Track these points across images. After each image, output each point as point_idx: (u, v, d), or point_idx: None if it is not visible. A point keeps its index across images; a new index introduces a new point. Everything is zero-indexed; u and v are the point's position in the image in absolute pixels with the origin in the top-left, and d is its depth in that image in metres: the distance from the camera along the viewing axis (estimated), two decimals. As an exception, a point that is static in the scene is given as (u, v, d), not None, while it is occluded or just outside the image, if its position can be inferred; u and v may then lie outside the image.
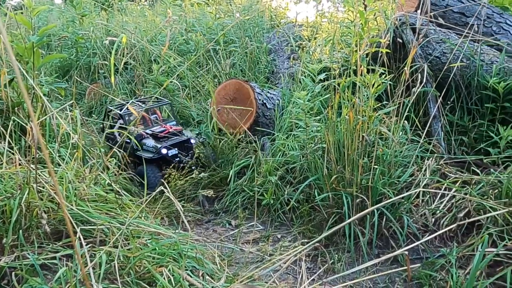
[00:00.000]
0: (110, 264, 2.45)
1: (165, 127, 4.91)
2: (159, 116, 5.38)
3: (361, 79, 3.53)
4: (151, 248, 2.56)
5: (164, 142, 4.70)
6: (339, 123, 3.71)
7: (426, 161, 3.92)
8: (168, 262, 2.54)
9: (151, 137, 4.83)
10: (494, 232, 3.03)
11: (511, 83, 4.07)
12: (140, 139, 4.82)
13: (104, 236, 2.79)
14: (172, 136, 4.82)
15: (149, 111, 5.15)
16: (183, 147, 4.79)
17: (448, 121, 4.48)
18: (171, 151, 4.65)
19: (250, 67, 7.17)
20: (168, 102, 5.31)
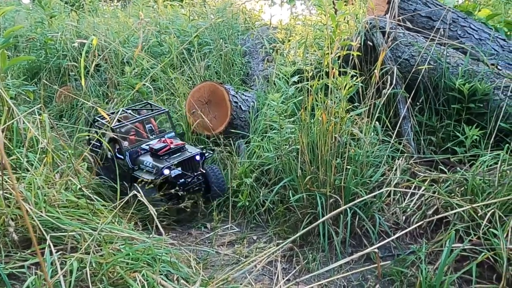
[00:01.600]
0: (82, 271, 2.40)
1: (165, 142, 4.23)
2: (154, 126, 4.74)
3: (333, 82, 3.60)
4: (124, 253, 2.52)
5: (165, 160, 4.05)
6: (313, 124, 3.77)
7: (396, 160, 4.03)
8: (142, 267, 2.50)
9: (150, 154, 4.22)
10: (460, 228, 3.16)
11: (475, 85, 4.25)
12: (136, 156, 4.24)
13: (76, 242, 2.72)
14: (174, 152, 4.17)
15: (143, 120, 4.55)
16: (187, 165, 4.16)
17: (417, 121, 4.62)
18: (174, 171, 4.02)
19: (225, 69, 7.17)
20: (165, 110, 4.64)
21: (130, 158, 4.24)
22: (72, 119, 6.29)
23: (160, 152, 4.09)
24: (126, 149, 4.25)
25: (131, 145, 4.34)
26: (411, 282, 3.02)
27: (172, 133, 4.63)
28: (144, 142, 4.38)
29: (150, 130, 4.61)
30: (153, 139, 4.45)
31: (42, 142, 3.17)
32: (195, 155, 4.17)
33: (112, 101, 5.69)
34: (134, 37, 7.31)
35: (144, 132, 4.55)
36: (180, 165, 4.08)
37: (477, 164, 3.51)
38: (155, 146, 4.16)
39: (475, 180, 3.35)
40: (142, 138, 4.49)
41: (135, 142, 4.41)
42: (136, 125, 4.47)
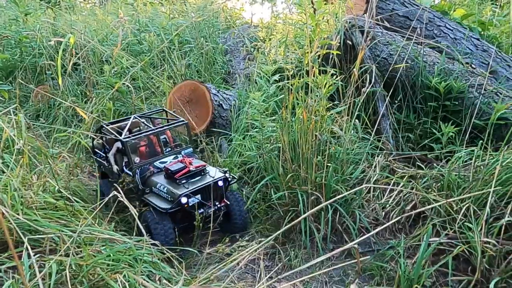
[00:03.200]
0: (61, 274, 2.36)
1: (183, 162, 3.64)
2: (169, 138, 4.18)
3: (313, 80, 3.64)
4: (105, 255, 2.49)
5: (183, 185, 3.47)
6: (294, 123, 3.80)
7: (376, 157, 4.11)
8: (124, 268, 2.48)
9: (164, 175, 3.64)
10: (437, 223, 3.25)
11: (450, 83, 4.37)
12: (148, 175, 3.68)
13: (55, 245, 2.67)
14: (193, 175, 3.57)
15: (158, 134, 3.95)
16: (208, 192, 3.57)
17: (396, 119, 4.72)
18: (192, 199, 3.45)
19: (206, 68, 7.14)
20: (184, 122, 4.02)
21: (140, 177, 3.69)
22: (49, 119, 6.15)
23: (177, 175, 3.49)
24: (136, 166, 3.71)
25: (142, 160, 3.81)
26: (390, 276, 3.09)
27: (189, 149, 4.07)
28: (158, 158, 3.83)
29: (164, 143, 4.05)
30: (167, 154, 3.91)
31: (18, 143, 3.09)
32: (217, 180, 3.60)
33: (91, 101, 5.58)
34: (113, 35, 7.20)
35: (159, 147, 3.97)
36: (199, 192, 3.50)
37: (452, 160, 3.61)
38: (172, 166, 3.57)
39: (451, 175, 3.45)
40: (155, 152, 3.95)
41: (146, 156, 3.89)
42: (150, 136, 3.95)
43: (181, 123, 4.00)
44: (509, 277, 2.66)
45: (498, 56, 4.83)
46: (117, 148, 3.95)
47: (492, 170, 3.09)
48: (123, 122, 4.16)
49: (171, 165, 3.61)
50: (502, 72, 4.61)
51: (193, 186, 3.47)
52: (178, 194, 3.37)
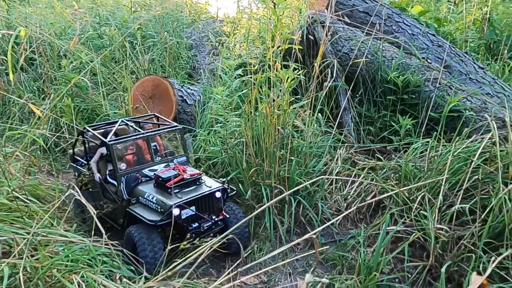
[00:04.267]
0: (15, 277, 2.26)
1: (176, 170, 3.25)
2: (160, 145, 3.76)
3: (275, 75, 3.67)
4: (62, 256, 2.41)
5: (176, 195, 3.06)
6: (257, 117, 3.82)
7: (338, 150, 4.21)
8: (82, 268, 2.42)
9: (154, 184, 3.24)
10: (395, 212, 3.37)
11: (408, 77, 4.53)
12: (135, 184, 3.28)
13: (9, 247, 2.56)
14: (187, 185, 3.17)
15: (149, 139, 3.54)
16: (204, 204, 3.17)
17: (357, 112, 4.85)
18: (185, 211, 3.04)
19: (170, 63, 7.03)
20: (179, 127, 3.65)
21: (126, 186, 3.28)
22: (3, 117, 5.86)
23: (169, 183, 3.09)
24: (122, 173, 3.30)
25: (129, 168, 3.39)
26: (351, 265, 3.19)
27: (183, 158, 3.65)
28: (147, 166, 3.45)
29: (154, 151, 3.60)
30: (158, 162, 3.51)
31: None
32: (215, 191, 3.20)
33: (49, 97, 5.36)
34: (71, 28, 6.93)
35: (148, 154, 3.54)
36: (194, 203, 3.10)
37: (409, 152, 3.75)
38: (163, 174, 3.18)
39: (407, 166, 3.58)
40: (144, 160, 3.54)
41: (133, 165, 3.47)
42: (138, 142, 3.55)
43: (175, 128, 3.62)
44: (460, 261, 2.81)
45: (452, 51, 5.05)
46: (101, 154, 3.54)
47: (445, 160, 3.24)
48: (108, 126, 3.78)
49: (162, 172, 3.21)
50: (455, 67, 4.82)
51: (187, 196, 3.04)
52: (170, 205, 2.92)
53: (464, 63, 4.91)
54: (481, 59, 5.98)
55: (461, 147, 3.26)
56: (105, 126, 3.79)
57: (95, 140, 3.64)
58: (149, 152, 3.52)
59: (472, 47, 6.28)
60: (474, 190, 3.17)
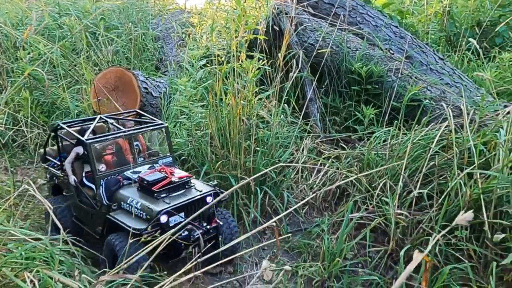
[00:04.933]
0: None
1: (162, 172, 2.99)
2: (142, 145, 3.47)
3: (239, 65, 3.64)
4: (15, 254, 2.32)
5: (163, 200, 2.82)
6: (223, 108, 3.79)
7: (304, 140, 4.25)
8: (38, 266, 2.33)
9: (138, 188, 2.97)
10: (358, 199, 3.45)
11: (371, 67, 4.61)
12: (116, 187, 3.00)
13: (-42, 247, 2.44)
14: (175, 188, 2.92)
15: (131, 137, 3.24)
16: (194, 210, 2.83)
17: (323, 103, 4.90)
18: (174, 218, 2.78)
19: (136, 55, 6.84)
20: (164, 124, 3.41)
21: (106, 190, 3.00)
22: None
23: (155, 186, 2.83)
24: (101, 175, 3.03)
25: (109, 170, 3.11)
26: (317, 252, 3.24)
27: (169, 158, 3.40)
28: (129, 167, 3.16)
29: (137, 149, 3.34)
30: (141, 164, 3.23)
31: None
32: (206, 195, 2.97)
33: (5, 90, 5.11)
34: (29, 18, 6.61)
35: (131, 153, 3.26)
36: (183, 209, 2.84)
37: (371, 140, 3.83)
38: (148, 176, 2.90)
39: (370, 154, 3.66)
40: (125, 161, 3.23)
41: (113, 166, 3.18)
42: (119, 141, 3.25)
43: (159, 126, 3.36)
44: (419, 244, 2.91)
45: (414, 42, 5.18)
46: (77, 154, 3.21)
47: (405, 147, 3.33)
48: (85, 123, 3.50)
49: (147, 174, 2.94)
50: (416, 58, 4.95)
51: (175, 202, 2.79)
52: (157, 211, 2.66)
53: (425, 54, 5.05)
54: (441, 51, 6.18)
55: (420, 135, 3.36)
56: (81, 123, 3.50)
57: (70, 138, 3.29)
58: (131, 152, 3.23)
59: (433, 39, 6.47)
60: (433, 176, 3.29)
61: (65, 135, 3.36)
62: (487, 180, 2.93)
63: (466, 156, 3.22)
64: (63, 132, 3.38)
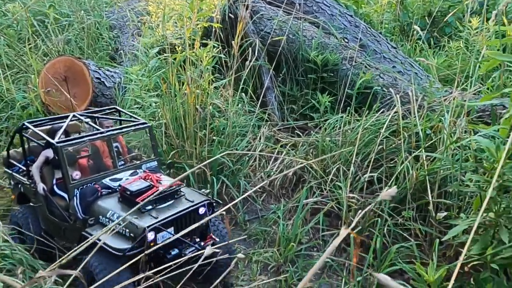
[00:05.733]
0: None
1: (147, 179, 2.62)
2: (123, 147, 3.16)
3: (193, 53, 3.58)
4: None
5: (148, 213, 2.45)
6: (177, 97, 3.72)
7: (261, 129, 4.26)
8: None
9: (119, 198, 2.59)
10: (314, 185, 3.51)
11: (327, 56, 4.67)
12: (93, 198, 2.60)
13: None
14: (163, 199, 2.57)
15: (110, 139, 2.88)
16: (186, 224, 2.53)
17: (281, 91, 4.93)
18: (162, 234, 2.42)
19: (89, 44, 6.57)
20: (147, 124, 3.04)
21: (81, 201, 2.61)
22: None
23: (139, 197, 2.46)
24: (75, 183, 2.66)
25: (85, 177, 2.75)
26: (273, 238, 3.27)
27: (154, 163, 3.02)
28: (108, 173, 2.79)
29: (117, 152, 2.98)
30: (122, 169, 2.86)
31: None
32: (198, 206, 2.61)
33: None
34: (-31, 5, 6.17)
35: (110, 157, 2.89)
36: (173, 223, 2.48)
37: (324, 127, 3.90)
38: (131, 186, 2.52)
39: (325, 141, 3.73)
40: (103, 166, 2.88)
41: (89, 172, 2.83)
42: (96, 143, 2.89)
43: (143, 126, 3.00)
44: (370, 226, 3.00)
45: (368, 31, 5.30)
46: (46, 158, 2.82)
47: (356, 134, 3.41)
48: (55, 122, 3.11)
49: (130, 183, 2.55)
50: (370, 46, 5.07)
51: (163, 215, 2.44)
52: (142, 227, 2.31)
53: (378, 43, 5.18)
54: (395, 40, 6.36)
55: (370, 121, 3.45)
56: (51, 121, 3.10)
57: (38, 140, 2.90)
58: (111, 156, 2.84)
59: (388, 28, 6.65)
60: (384, 160, 3.40)
61: (32, 135, 2.93)
62: (433, 163, 3.07)
63: (414, 140, 3.35)
64: (29, 132, 2.95)
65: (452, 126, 3.02)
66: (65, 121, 2.93)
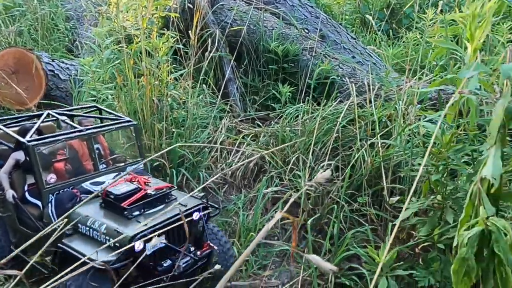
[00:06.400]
0: None
1: (134, 181, 2.37)
2: (105, 149, 2.90)
3: (149, 43, 3.49)
4: None
5: (135, 219, 2.21)
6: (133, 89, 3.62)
7: (223, 120, 4.23)
8: None
9: (101, 204, 2.35)
10: (274, 175, 3.53)
11: (287, 46, 4.69)
12: (71, 204, 2.32)
13: None
14: (151, 203, 2.32)
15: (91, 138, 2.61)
16: (178, 232, 2.31)
17: (243, 82, 4.91)
18: (152, 243, 2.08)
19: (44, 36, 6.29)
20: (133, 122, 2.83)
21: (57, 208, 2.37)
22: None
23: (125, 202, 2.21)
24: (50, 188, 2.41)
25: (61, 181, 2.49)
26: (234, 229, 3.27)
27: (140, 165, 2.77)
28: (87, 177, 2.55)
29: (98, 153, 2.72)
30: (104, 172, 2.62)
31: None
32: (191, 211, 2.37)
33: None
34: None
35: (90, 159, 2.65)
36: (164, 231, 2.15)
37: (284, 117, 3.92)
38: (115, 189, 2.27)
39: (285, 131, 3.76)
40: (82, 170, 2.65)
41: (67, 176, 2.59)
42: (73, 144, 2.65)
43: (128, 124, 2.75)
44: (328, 212, 3.06)
45: (329, 22, 5.36)
46: (16, 161, 2.57)
47: (314, 123, 3.46)
48: (27, 121, 2.84)
49: (114, 186, 2.28)
50: (331, 37, 5.13)
51: (153, 221, 2.17)
52: (130, 236, 2.04)
53: (338, 34, 5.25)
54: (356, 31, 6.47)
55: (328, 110, 3.50)
56: (22, 120, 2.84)
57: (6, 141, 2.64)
58: (91, 158, 2.58)
59: (348, 19, 6.75)
60: (342, 148, 3.47)
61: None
62: (387, 149, 3.15)
63: (370, 128, 3.43)
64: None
65: (405, 113, 3.11)
66: (38, 120, 2.66)
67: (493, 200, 1.75)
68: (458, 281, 1.53)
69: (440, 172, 2.17)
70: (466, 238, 1.54)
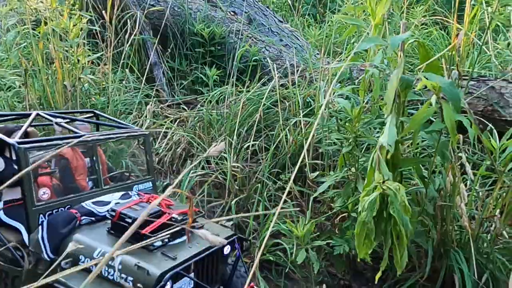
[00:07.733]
0: None
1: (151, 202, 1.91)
2: (103, 163, 2.36)
3: (58, 24, 3.24)
4: None
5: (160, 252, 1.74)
6: (43, 74, 3.35)
7: (147, 106, 4.08)
8: None
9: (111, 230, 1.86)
10: (203, 159, 3.48)
11: (213, 29, 4.61)
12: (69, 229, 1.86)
13: None
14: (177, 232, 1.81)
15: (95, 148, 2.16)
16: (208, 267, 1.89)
17: (170, 67, 4.76)
18: (181, 283, 1.73)
19: None
20: (144, 133, 2.43)
21: (50, 234, 1.85)
22: None
23: (146, 229, 1.72)
24: (41, 207, 1.91)
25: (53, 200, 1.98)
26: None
27: (148, 183, 2.39)
28: (90, 195, 2.07)
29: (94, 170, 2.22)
30: (107, 189, 2.14)
31: None
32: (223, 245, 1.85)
33: None
34: None
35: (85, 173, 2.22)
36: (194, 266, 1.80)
37: (209, 100, 3.88)
38: (130, 210, 1.81)
39: (212, 114, 3.71)
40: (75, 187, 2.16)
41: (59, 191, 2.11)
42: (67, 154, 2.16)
43: (139, 133, 2.34)
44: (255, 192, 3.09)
45: (256, 5, 5.35)
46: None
47: (239, 105, 3.45)
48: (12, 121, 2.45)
49: (129, 207, 1.82)
50: (258, 20, 5.13)
51: (182, 256, 1.73)
52: (157, 274, 1.60)
53: (266, 17, 5.26)
54: (285, 15, 6.54)
55: (252, 91, 3.52)
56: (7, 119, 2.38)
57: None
58: (90, 172, 2.17)
59: (277, 3, 6.80)
60: (268, 129, 3.51)
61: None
62: (309, 127, 3.24)
63: (294, 109, 3.50)
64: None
65: (325, 92, 3.21)
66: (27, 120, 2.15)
67: (393, 167, 1.87)
68: (360, 243, 1.61)
69: (350, 145, 2.26)
70: (366, 203, 1.62)
